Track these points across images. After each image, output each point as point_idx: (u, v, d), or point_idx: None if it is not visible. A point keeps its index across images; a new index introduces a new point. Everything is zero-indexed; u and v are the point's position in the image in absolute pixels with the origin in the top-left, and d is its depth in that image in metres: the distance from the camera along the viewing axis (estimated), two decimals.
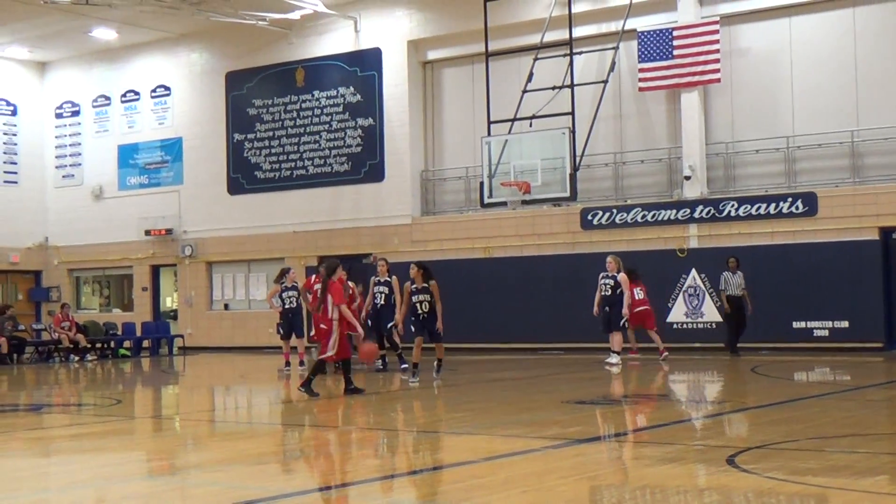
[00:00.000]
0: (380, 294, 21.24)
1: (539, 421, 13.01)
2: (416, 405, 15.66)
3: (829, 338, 24.28)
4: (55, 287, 36.04)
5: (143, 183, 34.57)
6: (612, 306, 21.48)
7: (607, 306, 21.59)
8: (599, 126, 26.73)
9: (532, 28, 27.59)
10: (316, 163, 31.30)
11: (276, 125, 32.04)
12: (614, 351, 21.33)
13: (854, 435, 11.06)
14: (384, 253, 25.66)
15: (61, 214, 36.03)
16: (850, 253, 24.24)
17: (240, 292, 32.80)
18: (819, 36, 25.66)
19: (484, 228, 28.53)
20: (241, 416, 16.39)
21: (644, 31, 26.51)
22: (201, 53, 33.52)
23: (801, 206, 24.88)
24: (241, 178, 32.61)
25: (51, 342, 30.09)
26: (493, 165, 26.12)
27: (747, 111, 26.26)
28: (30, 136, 36.29)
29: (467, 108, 29.46)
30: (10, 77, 35.85)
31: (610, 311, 21.53)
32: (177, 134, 33.96)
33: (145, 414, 16.72)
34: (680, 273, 25.81)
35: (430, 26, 29.59)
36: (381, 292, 21.23)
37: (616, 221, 26.81)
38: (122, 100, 35.14)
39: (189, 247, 33.16)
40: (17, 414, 16.43)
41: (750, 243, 25.20)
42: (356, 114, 30.61)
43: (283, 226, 31.61)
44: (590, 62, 27.37)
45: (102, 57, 35.35)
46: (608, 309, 21.57)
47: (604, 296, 21.64)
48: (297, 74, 31.65)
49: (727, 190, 26.20)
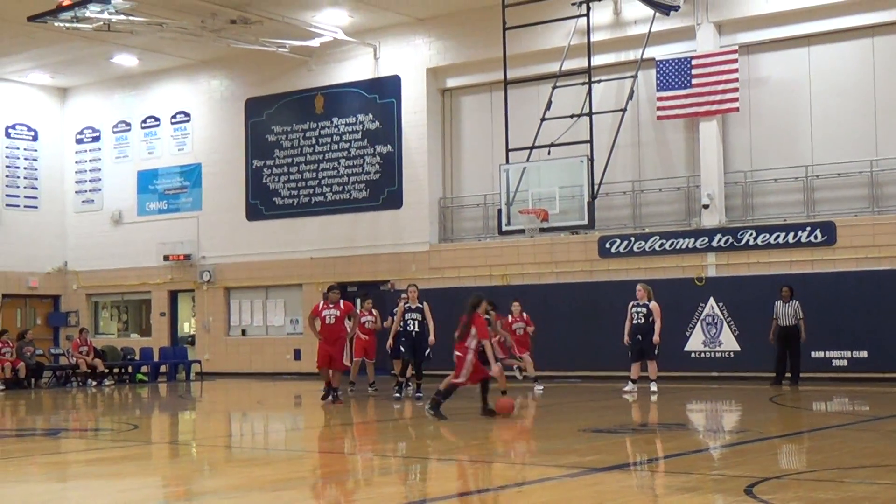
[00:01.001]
0: (413, 321, 21.03)
1: (556, 449, 12.97)
2: (433, 433, 15.61)
3: (848, 368, 24.16)
4: (74, 312, 36.14)
5: (162, 208, 34.69)
6: (645, 335, 21.41)
7: (639, 335, 21.50)
8: (618, 154, 26.73)
9: (551, 56, 27.65)
10: (334, 189, 31.36)
11: (295, 152, 32.14)
12: (652, 380, 21.32)
13: (873, 466, 10.99)
14: (401, 280, 25.69)
15: (81, 239, 36.16)
16: (869, 282, 24.15)
17: (257, 318, 32.83)
18: (838, 65, 25.65)
19: (502, 256, 28.53)
20: (257, 442, 16.38)
21: (663, 60, 26.55)
22: (221, 80, 33.68)
23: (820, 235, 24.82)
24: (260, 205, 32.70)
25: (68, 367, 30.15)
26: (512, 193, 26.12)
27: (766, 140, 26.23)
28: (50, 161, 36.48)
29: (486, 135, 29.51)
30: (32, 103, 36.07)
31: (642, 339, 21.47)
32: (196, 160, 34.09)
33: (162, 439, 16.72)
34: (698, 302, 25.74)
35: (449, 54, 29.68)
36: (414, 319, 21.02)
37: (634, 250, 26.78)
38: (143, 126, 35.31)
39: (207, 272, 33.24)
40: (35, 438, 16.44)
41: (768, 272, 25.13)
42: (375, 141, 30.68)
43: (301, 252, 31.65)
44: (608, 90, 27.40)
45: (123, 83, 35.55)
46: (640, 337, 21.49)
47: (636, 324, 21.54)
48: (316, 101, 31.76)
49: (745, 219, 26.16)
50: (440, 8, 28.91)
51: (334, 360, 20.26)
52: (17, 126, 35.78)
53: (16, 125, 35.76)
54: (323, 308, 20.44)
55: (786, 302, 23.40)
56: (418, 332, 20.97)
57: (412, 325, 21.02)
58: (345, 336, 20.61)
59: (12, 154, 35.65)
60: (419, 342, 20.99)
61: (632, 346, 21.60)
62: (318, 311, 20.53)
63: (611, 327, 22.86)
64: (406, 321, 21.08)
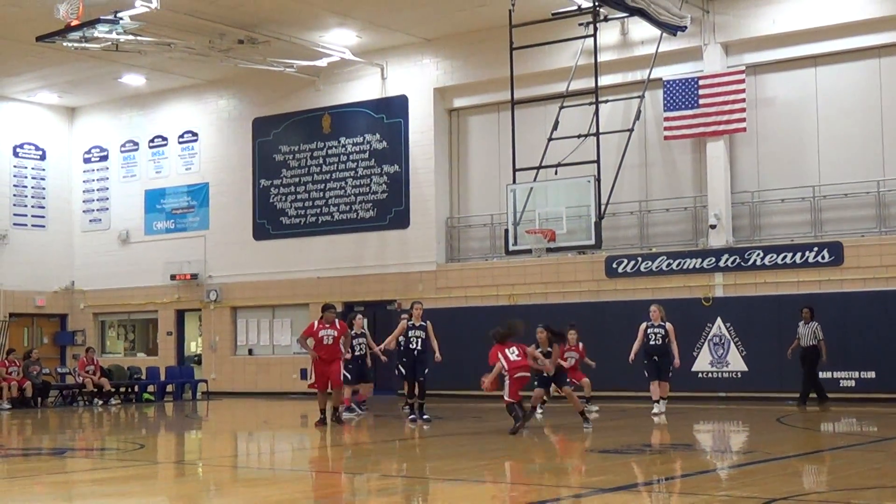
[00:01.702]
0: (416, 339, 20.73)
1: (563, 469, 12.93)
2: (438, 453, 15.58)
3: (856, 388, 24.08)
4: (80, 331, 36.15)
5: (170, 228, 34.73)
6: (662, 356, 21.39)
7: (656, 356, 21.48)
8: (625, 174, 26.73)
9: (558, 76, 27.68)
10: (341, 209, 31.38)
11: (302, 171, 32.17)
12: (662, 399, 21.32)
13: (881, 487, 10.96)
14: (408, 299, 25.67)
15: (88, 258, 36.20)
16: (877, 303, 24.09)
17: (264, 337, 32.82)
18: (845, 86, 25.65)
19: (509, 276, 28.51)
20: (263, 461, 16.35)
21: (670, 80, 26.57)
22: (229, 100, 33.75)
23: (827, 255, 24.78)
24: (267, 224, 32.72)
25: (75, 386, 30.13)
26: (519, 213, 26.10)
27: (773, 160, 26.23)
28: (58, 180, 36.56)
29: (493, 155, 29.53)
30: (40, 122, 36.16)
31: (659, 360, 21.46)
32: (203, 179, 34.14)
33: (168, 459, 16.70)
34: (705, 322, 25.70)
35: (456, 74, 29.73)
36: (418, 337, 20.75)
37: (641, 270, 26.76)
38: (150, 145, 35.38)
39: (214, 291, 33.24)
40: (41, 458, 16.44)
41: (776, 292, 25.08)
42: (382, 160, 30.72)
43: (308, 271, 31.66)
44: (615, 110, 27.42)
45: (131, 102, 35.64)
46: (657, 358, 21.48)
47: (654, 345, 21.49)
48: (323, 121, 31.82)
49: (753, 239, 26.13)
50: (447, 28, 28.96)
51: (332, 380, 19.88)
52: (25, 145, 35.86)
53: (24, 144, 35.84)
54: (319, 328, 19.92)
55: (806, 323, 23.38)
56: (420, 351, 20.75)
57: (415, 343, 20.74)
58: (341, 356, 20.39)
59: (20, 173, 35.73)
60: (421, 361, 20.76)
61: (648, 366, 21.52)
62: (312, 330, 20.04)
63: (618, 347, 22.78)
64: (409, 338, 20.80)
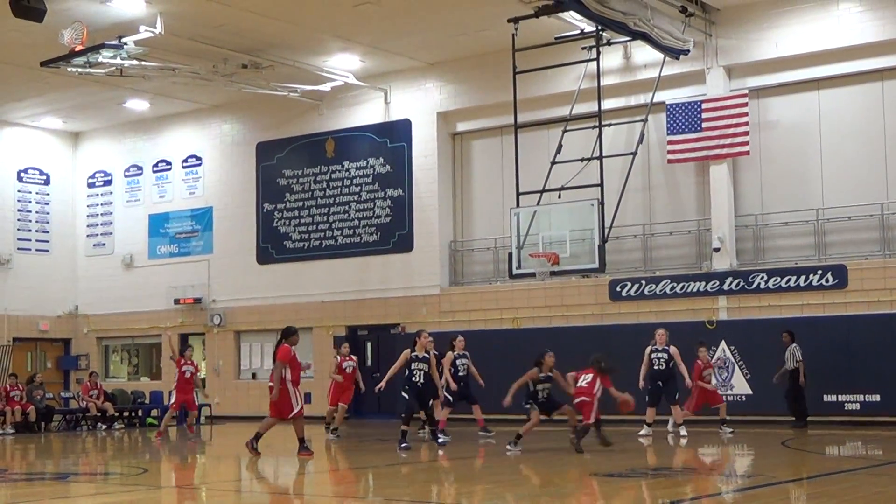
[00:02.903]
0: (419, 372, 20.10)
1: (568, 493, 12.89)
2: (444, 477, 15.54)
3: (861, 411, 24.02)
4: (84, 355, 36.14)
5: (173, 252, 34.75)
6: (666, 381, 21.43)
7: (660, 381, 21.49)
8: (628, 198, 26.73)
9: (561, 100, 27.73)
10: (345, 233, 31.41)
11: (305, 195, 32.21)
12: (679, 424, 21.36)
13: None
14: (412, 323, 25.70)
15: (91, 283, 36.22)
16: (881, 325, 24.05)
17: (268, 362, 32.62)
18: (848, 109, 25.68)
19: (512, 299, 28.50)
20: (266, 486, 16.31)
21: (673, 104, 26.61)
22: (233, 124, 33.83)
23: (831, 278, 24.76)
24: (271, 248, 32.74)
25: (79, 410, 30.12)
26: (522, 236, 26.10)
27: (776, 183, 26.24)
28: (62, 205, 36.63)
29: (496, 179, 29.56)
30: (44, 147, 36.26)
31: (663, 385, 21.49)
32: (207, 203, 34.18)
33: (171, 483, 16.66)
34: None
35: (459, 98, 29.79)
36: (421, 369, 20.12)
37: (645, 293, 26.74)
38: (154, 169, 35.45)
39: (218, 316, 33.24)
40: (44, 482, 16.40)
41: (780, 315, 25.05)
42: (385, 184, 30.75)
43: (312, 295, 31.65)
44: (619, 134, 27.45)
45: (135, 127, 35.73)
46: (661, 384, 21.50)
47: (657, 370, 21.53)
48: (327, 145, 31.87)
49: (756, 262, 26.12)
50: (450, 53, 29.04)
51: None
52: (29, 170, 35.94)
53: (28, 169, 35.92)
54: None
55: (786, 347, 23.68)
56: (423, 384, 20.12)
57: (418, 376, 20.10)
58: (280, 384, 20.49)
59: (24, 198, 35.80)
60: (425, 392, 20.28)
61: (650, 391, 21.59)
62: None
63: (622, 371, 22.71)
64: (412, 370, 20.11)
